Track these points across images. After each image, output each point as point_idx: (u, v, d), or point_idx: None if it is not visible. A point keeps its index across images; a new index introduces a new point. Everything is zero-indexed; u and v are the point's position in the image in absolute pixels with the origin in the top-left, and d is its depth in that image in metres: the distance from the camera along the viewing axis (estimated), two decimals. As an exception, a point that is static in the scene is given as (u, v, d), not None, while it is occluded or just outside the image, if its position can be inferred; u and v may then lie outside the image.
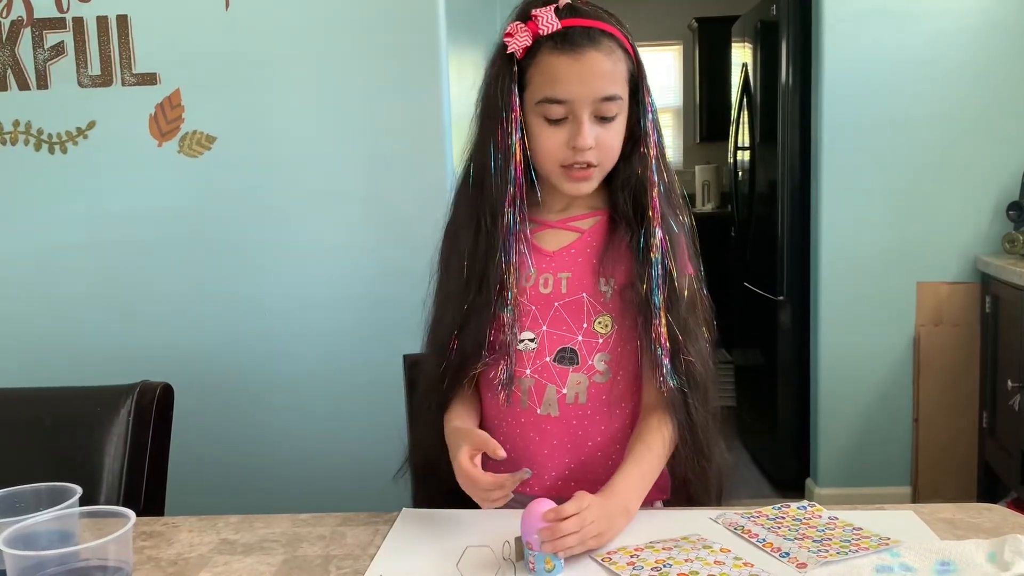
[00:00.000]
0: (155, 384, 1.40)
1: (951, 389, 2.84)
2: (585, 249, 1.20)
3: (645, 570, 0.94)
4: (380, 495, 1.43)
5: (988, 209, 2.78)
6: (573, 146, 1.11)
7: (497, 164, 1.13)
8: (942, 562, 0.93)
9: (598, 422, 1.20)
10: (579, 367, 1.18)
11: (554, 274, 1.19)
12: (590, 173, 1.14)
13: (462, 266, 1.16)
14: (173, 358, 2.29)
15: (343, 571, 0.98)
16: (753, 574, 0.93)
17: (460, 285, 1.17)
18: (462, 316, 1.16)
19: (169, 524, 1.15)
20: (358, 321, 2.34)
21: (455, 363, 1.18)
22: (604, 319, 1.19)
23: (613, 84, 1.11)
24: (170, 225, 2.33)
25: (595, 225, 1.21)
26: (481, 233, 1.15)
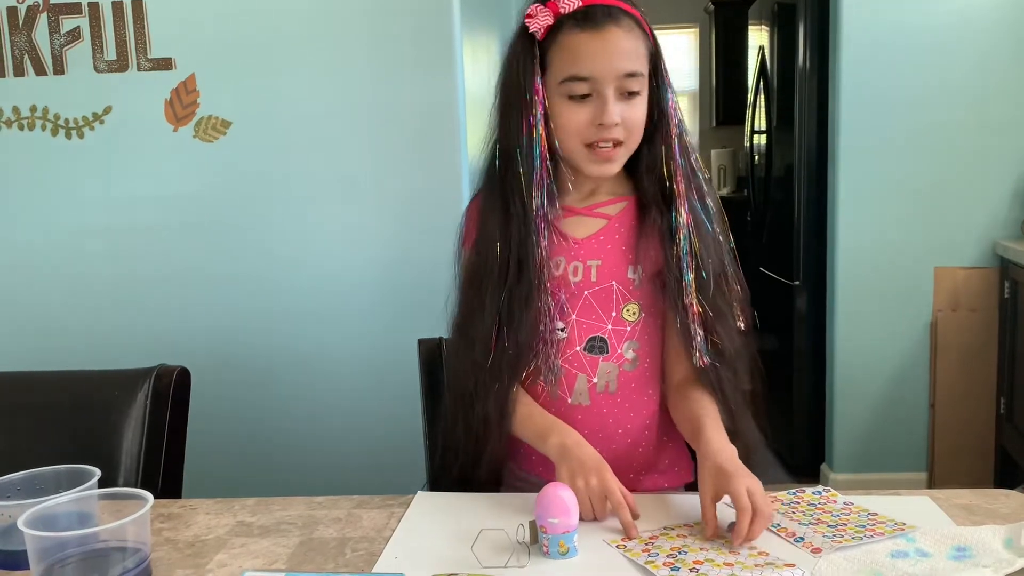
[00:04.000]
0: (172, 368, 1.41)
1: (968, 374, 2.82)
2: (614, 236, 1.19)
3: (660, 557, 0.95)
4: (396, 478, 1.44)
5: (1007, 193, 2.75)
6: (599, 123, 1.10)
7: (523, 147, 1.12)
8: (958, 547, 0.93)
9: (627, 409, 1.20)
10: (609, 356, 1.18)
11: (583, 262, 1.18)
12: (616, 152, 1.13)
13: (496, 253, 1.14)
14: (190, 342, 2.31)
15: (358, 553, 0.99)
16: (768, 562, 0.93)
17: (496, 273, 1.14)
18: (505, 306, 1.13)
19: (187, 506, 1.16)
20: (373, 305, 2.35)
21: (511, 355, 1.14)
22: (632, 307, 1.19)
23: (635, 61, 1.11)
24: (186, 210, 2.34)
25: (622, 211, 1.21)
26: (513, 219, 1.14)
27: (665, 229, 1.16)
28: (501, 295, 1.14)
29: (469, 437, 1.19)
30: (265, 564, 0.96)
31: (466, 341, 1.18)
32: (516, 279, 1.13)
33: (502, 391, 1.16)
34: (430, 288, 2.08)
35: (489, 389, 1.15)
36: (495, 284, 1.14)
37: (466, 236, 1.24)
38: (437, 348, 1.48)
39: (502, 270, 1.14)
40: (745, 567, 0.92)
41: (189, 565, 0.97)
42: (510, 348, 1.14)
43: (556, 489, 0.97)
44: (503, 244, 1.14)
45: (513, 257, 1.13)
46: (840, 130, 2.79)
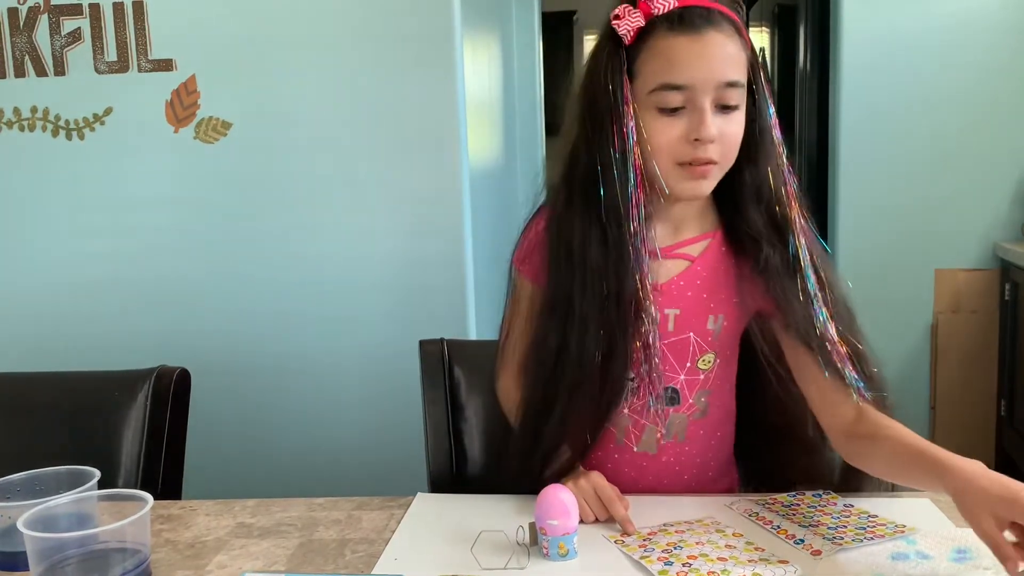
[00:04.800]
0: (172, 369, 1.41)
1: (969, 377, 2.82)
2: (695, 281, 1.09)
3: (656, 551, 0.95)
4: (396, 479, 1.44)
5: (1007, 195, 2.75)
6: (695, 138, 0.99)
7: (617, 164, 1.00)
8: (959, 550, 0.92)
9: (694, 455, 1.15)
10: (680, 407, 1.11)
11: (661, 310, 1.07)
12: (710, 170, 1.01)
13: (590, 282, 1.02)
14: (190, 343, 2.31)
15: (358, 555, 0.99)
16: (763, 558, 0.93)
17: (590, 303, 1.03)
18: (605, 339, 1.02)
19: (186, 507, 1.16)
20: (374, 307, 2.35)
21: (607, 392, 1.05)
22: (708, 357, 1.10)
23: (736, 69, 1.00)
24: (187, 211, 2.34)
25: (706, 250, 1.10)
26: (609, 244, 1.01)
27: (776, 263, 1.04)
28: (605, 325, 1.02)
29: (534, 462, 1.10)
30: (265, 565, 0.96)
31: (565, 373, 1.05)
32: (616, 309, 1.02)
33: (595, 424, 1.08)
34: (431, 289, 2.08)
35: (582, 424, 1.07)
36: (596, 316, 1.03)
37: (522, 259, 1.15)
38: (438, 350, 1.48)
39: (605, 301, 1.02)
40: (739, 562, 0.92)
41: (189, 566, 0.97)
42: (606, 384, 1.05)
43: (556, 491, 0.97)
44: (599, 273, 1.02)
45: (613, 287, 1.02)
46: (840, 132, 2.79)
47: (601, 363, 1.03)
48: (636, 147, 1.00)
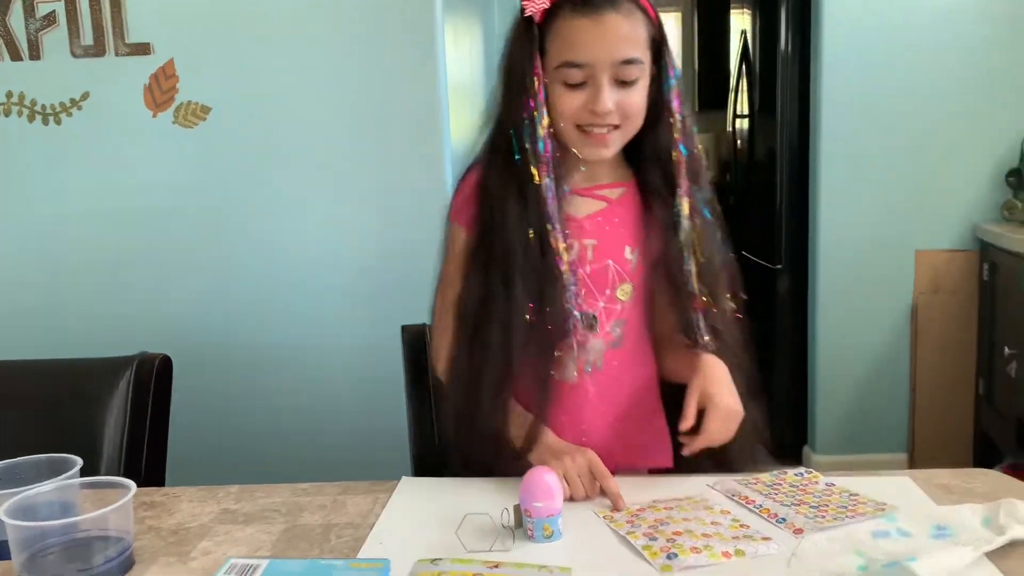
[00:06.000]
0: (154, 356, 1.40)
1: (948, 357, 2.84)
2: (613, 218, 1.19)
3: (643, 527, 0.96)
4: (380, 464, 1.44)
5: (987, 176, 2.77)
6: (592, 110, 1.09)
7: (528, 129, 1.11)
8: (938, 527, 0.94)
9: (610, 386, 1.21)
10: (598, 334, 1.19)
11: (580, 240, 1.17)
12: (609, 137, 1.12)
13: (519, 235, 1.11)
14: (172, 330, 2.30)
15: (343, 539, 0.99)
16: (747, 535, 0.94)
17: (521, 255, 1.11)
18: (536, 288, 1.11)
19: (170, 494, 1.15)
20: (357, 292, 2.34)
21: (545, 337, 1.12)
22: (626, 287, 1.20)
23: (633, 47, 1.09)
24: (167, 196, 2.32)
25: (622, 196, 1.21)
26: (529, 198, 1.11)
27: (667, 218, 1.16)
28: (529, 278, 1.11)
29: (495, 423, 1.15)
30: (249, 551, 0.96)
31: (491, 328, 1.13)
32: (541, 260, 1.11)
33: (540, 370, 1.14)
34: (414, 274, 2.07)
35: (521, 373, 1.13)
36: (521, 267, 1.11)
37: (458, 210, 1.21)
38: (421, 334, 1.48)
39: (524, 251, 1.11)
40: (723, 538, 0.93)
41: (172, 553, 0.97)
42: (542, 330, 1.12)
43: (540, 473, 0.97)
44: (522, 224, 1.11)
45: (535, 238, 1.11)
46: (822, 114, 2.80)
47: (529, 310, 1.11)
48: (545, 114, 1.10)
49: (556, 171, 1.13)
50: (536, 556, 0.92)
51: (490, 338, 1.12)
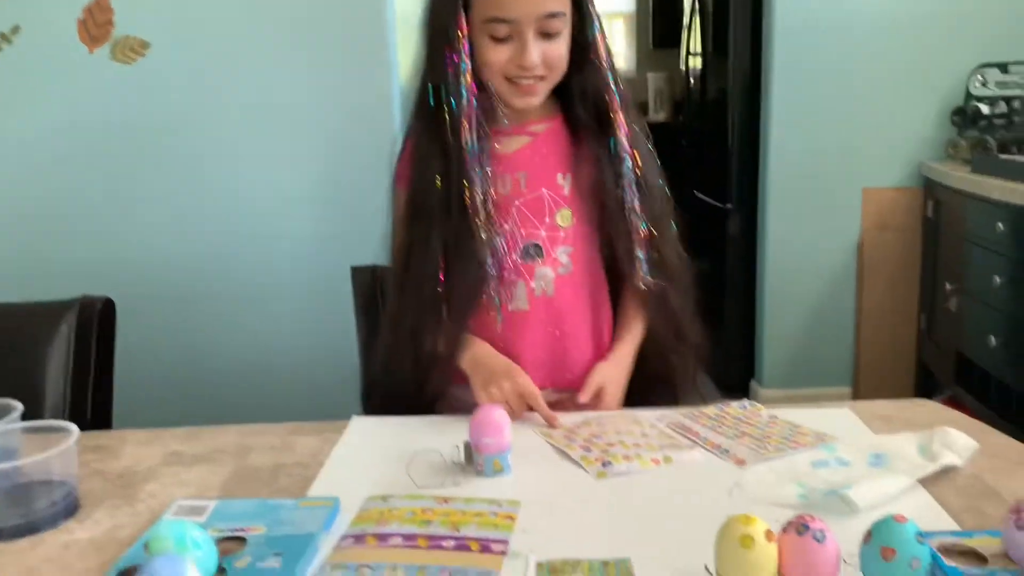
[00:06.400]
0: (96, 298, 1.37)
1: (892, 293, 2.91)
2: (541, 149, 1.23)
3: (579, 440, 1.04)
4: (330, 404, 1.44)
5: (933, 115, 2.81)
6: (519, 64, 1.13)
7: (451, 84, 1.14)
8: (875, 455, 0.96)
9: (565, 314, 1.23)
10: (544, 261, 1.22)
11: (511, 174, 1.21)
12: (536, 87, 1.16)
13: (436, 189, 1.16)
14: (114, 272, 2.25)
15: (293, 479, 0.98)
16: (674, 443, 1.01)
17: (437, 209, 1.16)
18: (452, 242, 1.15)
19: (116, 438, 1.14)
20: (305, 232, 2.31)
21: (461, 292, 1.16)
22: (565, 212, 1.22)
23: (556, 2, 1.12)
24: (106, 133, 2.25)
25: (549, 129, 1.24)
26: (451, 154, 1.15)
27: (600, 153, 1.19)
28: (446, 231, 1.15)
29: (417, 369, 1.21)
30: (197, 492, 0.96)
31: (411, 278, 1.19)
32: (460, 214, 1.14)
33: (454, 329, 1.18)
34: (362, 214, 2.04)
35: (439, 326, 1.17)
36: (439, 220, 1.16)
37: (399, 176, 1.25)
38: (371, 275, 1.47)
39: (443, 205, 1.15)
40: (651, 447, 1.00)
41: (119, 496, 0.96)
42: (459, 285, 1.16)
43: (490, 410, 0.98)
44: (443, 179, 1.15)
45: (454, 192, 1.14)
46: (773, 54, 2.80)
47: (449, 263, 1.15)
48: (469, 70, 1.13)
49: (481, 121, 1.15)
50: (486, 491, 0.93)
51: (411, 291, 1.18)
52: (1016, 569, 0.72)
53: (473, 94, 1.14)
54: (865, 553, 0.68)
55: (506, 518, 0.86)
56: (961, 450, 0.95)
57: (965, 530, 0.81)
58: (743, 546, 0.66)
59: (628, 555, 0.78)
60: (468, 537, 0.82)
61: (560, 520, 0.86)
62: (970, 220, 2.45)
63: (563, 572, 0.75)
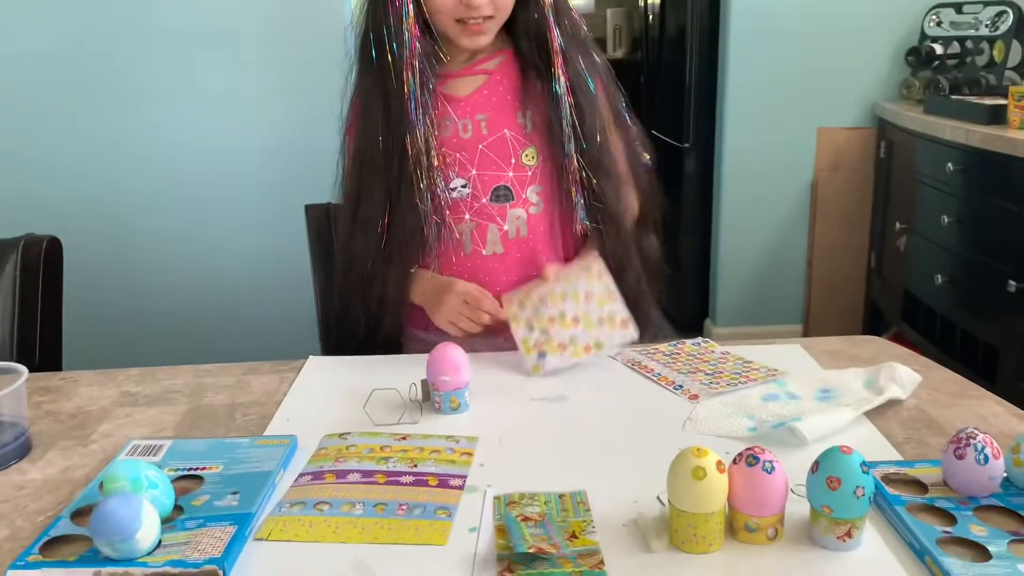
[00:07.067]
0: (40, 237, 1.33)
1: (844, 232, 2.96)
2: (497, 88, 1.22)
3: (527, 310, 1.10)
4: (288, 345, 1.43)
5: (888, 55, 2.82)
6: (466, 4, 1.12)
7: (392, 28, 1.13)
8: (823, 389, 0.99)
9: (541, 253, 1.23)
10: (515, 202, 1.21)
11: (472, 118, 1.20)
12: (485, 26, 1.15)
13: (378, 137, 1.16)
14: (60, 210, 2.19)
15: (249, 418, 0.98)
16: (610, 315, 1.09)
17: (381, 156, 1.16)
18: (395, 189, 1.15)
19: (67, 379, 1.12)
20: (257, 169, 2.27)
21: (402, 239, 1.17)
22: (530, 151, 1.21)
23: None
24: (46, 67, 2.17)
25: (501, 64, 1.23)
26: (391, 100, 1.14)
27: (546, 90, 1.18)
28: (388, 179, 1.16)
29: (367, 314, 1.22)
30: (152, 433, 0.95)
31: (358, 226, 1.19)
32: (401, 161, 1.15)
33: (398, 275, 1.19)
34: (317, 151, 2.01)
35: (385, 272, 1.18)
36: (381, 168, 1.16)
37: (349, 125, 1.25)
38: (325, 213, 1.45)
39: (387, 153, 1.16)
40: (589, 325, 1.08)
41: (71, 436, 0.95)
42: (399, 233, 1.17)
43: (447, 348, 0.98)
44: (385, 126, 1.15)
45: (396, 140, 1.15)
46: (732, -9, 2.78)
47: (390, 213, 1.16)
48: (412, 11, 1.12)
49: (425, 67, 1.15)
50: (444, 427, 0.94)
51: (359, 238, 1.19)
52: (955, 496, 0.75)
53: (416, 38, 1.13)
54: (812, 482, 0.70)
55: (464, 454, 0.87)
56: (906, 384, 0.98)
57: (907, 460, 0.83)
58: (695, 477, 0.68)
59: (584, 487, 0.79)
60: (426, 473, 0.83)
61: (517, 455, 0.88)
62: (921, 160, 2.48)
63: (520, 504, 0.77)
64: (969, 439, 0.75)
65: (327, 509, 0.77)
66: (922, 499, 0.75)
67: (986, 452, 0.74)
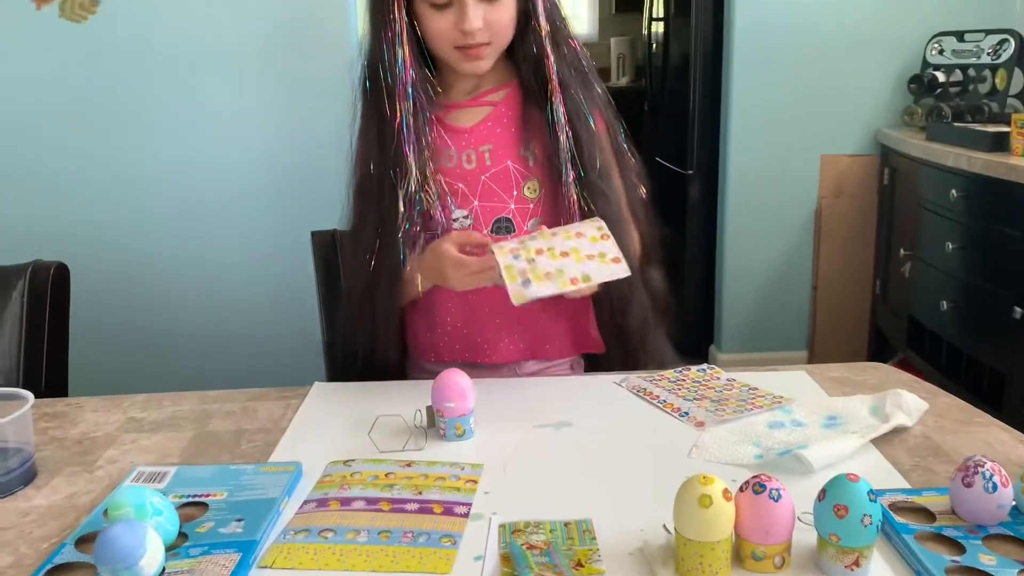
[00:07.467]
0: (48, 263, 1.34)
1: (848, 258, 2.96)
2: (502, 120, 1.22)
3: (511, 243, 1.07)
4: (293, 371, 1.43)
5: (890, 83, 2.84)
6: (461, 29, 1.12)
7: (387, 56, 1.14)
8: (829, 416, 0.99)
9: None
10: (516, 234, 1.21)
11: (475, 149, 1.21)
12: (483, 51, 1.16)
13: (374, 166, 1.16)
14: (68, 236, 2.20)
15: (255, 445, 0.98)
16: (601, 251, 1.05)
17: (375, 183, 1.17)
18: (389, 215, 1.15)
19: (73, 405, 1.12)
20: (264, 194, 2.28)
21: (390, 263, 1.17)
22: (532, 184, 1.22)
23: None
24: (57, 94, 2.19)
25: (507, 96, 1.23)
26: (386, 126, 1.15)
27: (546, 120, 1.19)
28: (381, 206, 1.16)
29: (364, 339, 1.22)
30: (157, 459, 0.95)
31: (355, 253, 1.21)
32: (391, 191, 1.15)
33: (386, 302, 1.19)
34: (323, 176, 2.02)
35: (374, 300, 1.19)
36: (374, 195, 1.17)
37: (355, 155, 1.26)
38: (331, 239, 1.46)
39: (379, 181, 1.16)
40: (578, 258, 1.04)
41: (77, 463, 0.95)
42: (389, 258, 1.17)
43: (452, 375, 0.98)
44: (379, 156, 1.16)
45: (388, 168, 1.15)
46: (735, 19, 2.80)
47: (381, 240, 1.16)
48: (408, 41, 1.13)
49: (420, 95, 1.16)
50: (449, 455, 0.94)
51: (356, 266, 1.20)
52: (963, 525, 0.75)
53: (410, 66, 1.14)
54: (819, 510, 0.70)
55: (469, 481, 0.87)
56: (912, 411, 0.98)
57: (915, 488, 0.83)
58: (701, 505, 0.67)
59: (589, 515, 0.79)
60: (431, 500, 0.83)
61: (522, 482, 0.87)
62: (924, 187, 2.49)
63: (525, 533, 0.76)
64: (977, 467, 0.75)
65: (332, 536, 0.77)
66: (930, 527, 0.74)
67: (994, 480, 0.74)
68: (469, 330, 1.24)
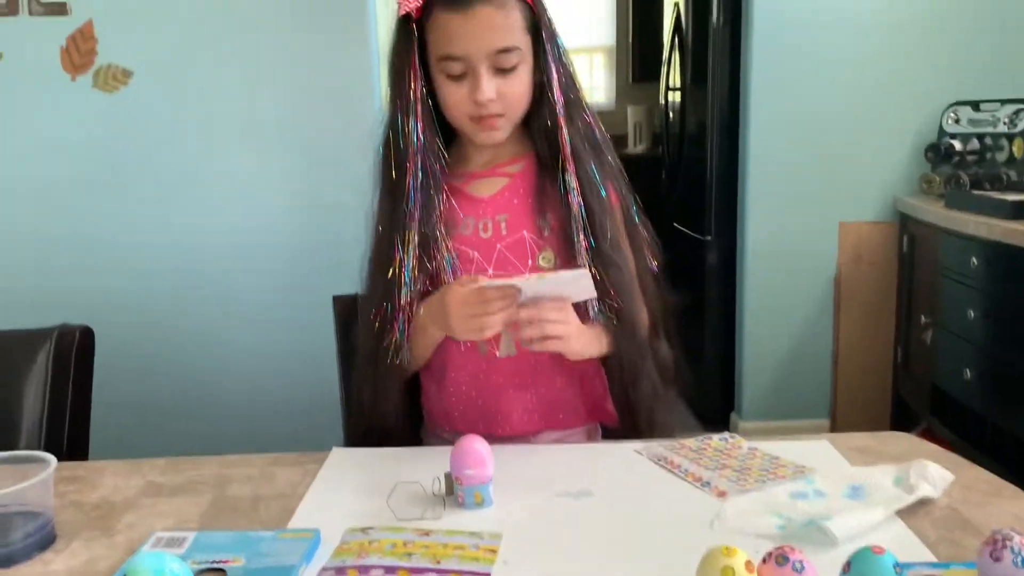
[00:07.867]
0: (74, 327, 1.36)
1: (869, 325, 2.94)
2: (519, 190, 1.23)
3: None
4: (312, 437, 1.43)
5: (907, 150, 2.86)
6: (474, 100, 1.13)
7: (401, 124, 1.16)
8: (852, 487, 0.97)
9: (553, 356, 1.21)
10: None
11: (492, 218, 1.22)
12: (497, 122, 1.17)
13: (381, 227, 1.19)
14: (93, 300, 2.23)
15: (273, 510, 0.98)
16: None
17: (383, 251, 1.18)
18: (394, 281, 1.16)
19: (93, 469, 1.12)
20: (286, 260, 2.31)
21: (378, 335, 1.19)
22: (547, 254, 1.22)
23: (508, 36, 1.12)
24: (87, 162, 2.25)
25: (523, 168, 1.25)
26: (398, 193, 1.17)
27: (558, 194, 1.20)
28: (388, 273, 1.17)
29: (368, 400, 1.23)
30: (176, 524, 0.95)
31: (365, 315, 1.22)
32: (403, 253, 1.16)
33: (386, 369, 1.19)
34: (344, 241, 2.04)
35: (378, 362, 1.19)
36: (383, 262, 1.18)
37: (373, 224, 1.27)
38: (352, 304, 1.47)
39: (389, 245, 1.17)
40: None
41: (96, 527, 0.95)
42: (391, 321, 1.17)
43: (471, 441, 0.98)
44: (388, 222, 1.18)
45: (396, 235, 1.17)
46: (751, 88, 2.85)
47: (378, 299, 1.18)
48: (420, 108, 1.14)
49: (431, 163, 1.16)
50: (468, 523, 0.93)
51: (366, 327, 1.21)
52: (992, 601, 0.73)
53: (421, 133, 1.15)
54: (844, 585, 0.68)
55: (488, 551, 0.86)
56: (937, 482, 0.96)
57: (941, 561, 0.81)
58: (724, 578, 0.66)
59: (609, 587, 0.78)
60: (449, 570, 0.82)
61: (542, 552, 0.86)
62: (944, 254, 2.49)
63: (545, 604, 0.75)
64: (1006, 540, 0.73)
65: (349, 606, 0.76)
66: (959, 604, 0.73)
67: (1023, 555, 0.72)
68: (483, 400, 1.23)
